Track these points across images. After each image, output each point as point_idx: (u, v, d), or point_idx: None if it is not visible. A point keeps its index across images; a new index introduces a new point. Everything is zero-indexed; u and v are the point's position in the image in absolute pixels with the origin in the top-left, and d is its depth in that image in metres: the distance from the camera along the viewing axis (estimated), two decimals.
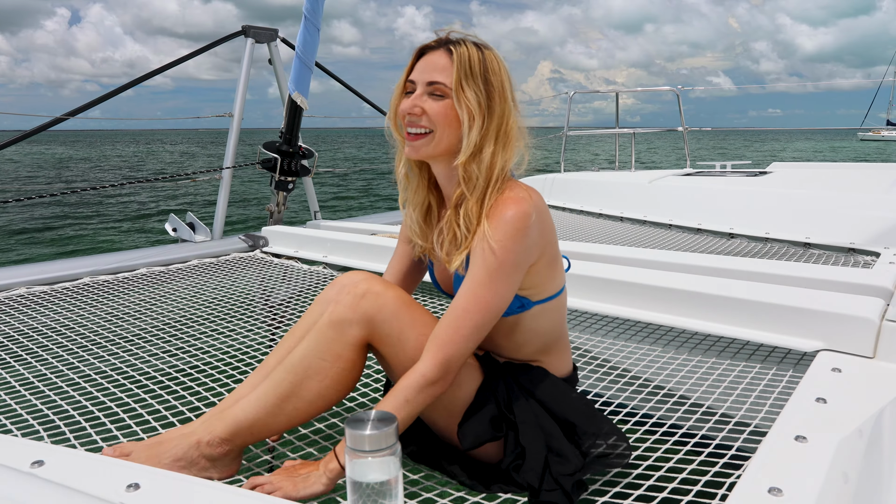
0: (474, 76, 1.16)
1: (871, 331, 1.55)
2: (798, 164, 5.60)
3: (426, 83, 1.18)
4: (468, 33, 1.21)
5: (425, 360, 1.14)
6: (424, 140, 1.19)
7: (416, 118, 1.17)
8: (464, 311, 1.15)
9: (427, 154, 1.20)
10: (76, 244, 9.95)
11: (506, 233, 1.13)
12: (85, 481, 0.97)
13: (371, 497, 0.84)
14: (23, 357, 1.85)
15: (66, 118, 3.20)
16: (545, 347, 1.31)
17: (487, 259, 1.13)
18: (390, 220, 3.86)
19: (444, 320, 1.16)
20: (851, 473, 1.06)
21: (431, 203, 1.32)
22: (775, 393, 1.49)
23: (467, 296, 1.15)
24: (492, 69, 1.18)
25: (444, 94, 1.17)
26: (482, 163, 1.18)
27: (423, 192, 1.31)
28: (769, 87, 79.77)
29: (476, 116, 1.16)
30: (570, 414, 1.22)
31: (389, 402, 1.12)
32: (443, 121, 1.17)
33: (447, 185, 1.27)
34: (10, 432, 1.38)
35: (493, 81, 1.18)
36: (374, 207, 13.91)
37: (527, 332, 1.28)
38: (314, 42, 3.34)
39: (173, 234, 3.34)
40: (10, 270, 2.63)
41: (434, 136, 1.18)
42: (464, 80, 1.16)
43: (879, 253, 2.75)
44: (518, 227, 1.13)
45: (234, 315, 2.27)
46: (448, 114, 1.17)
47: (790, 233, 3.30)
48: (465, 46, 1.18)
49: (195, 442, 1.16)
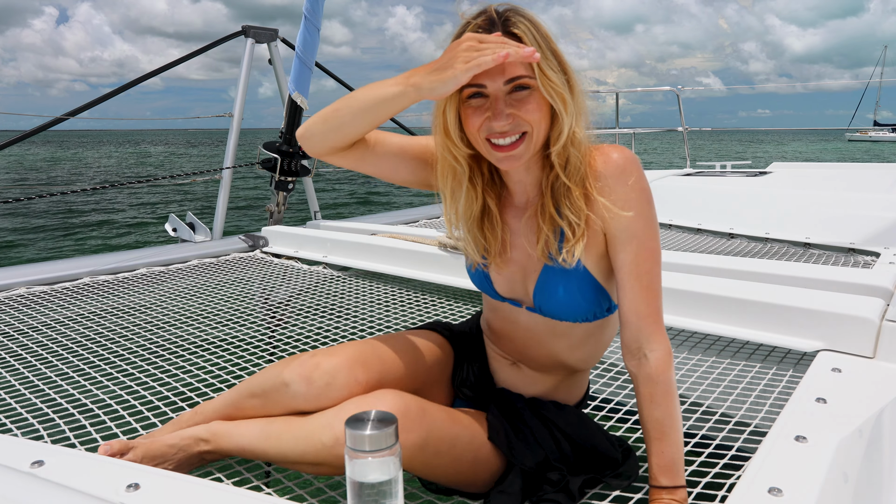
0: (545, 53, 0.98)
1: (871, 331, 1.55)
2: (798, 164, 5.60)
3: (506, 81, 0.98)
4: (500, 2, 1.03)
5: (656, 341, 1.05)
6: (523, 146, 1.01)
7: (512, 126, 1.00)
8: (648, 274, 1.05)
9: (527, 158, 1.04)
10: (75, 247, 9.95)
11: (624, 171, 1.03)
12: (85, 481, 0.97)
13: (371, 497, 0.83)
14: (23, 357, 1.85)
15: (65, 118, 3.20)
16: (591, 360, 1.24)
17: (630, 208, 1.02)
18: (390, 220, 3.86)
19: (633, 294, 1.05)
20: (851, 473, 1.06)
21: (490, 206, 1.14)
22: (775, 393, 1.49)
23: (641, 256, 1.04)
24: (549, 36, 1.01)
25: (528, 86, 0.99)
26: (579, 143, 1.03)
27: (479, 198, 1.13)
28: (759, 88, 79.97)
29: (567, 97, 1.00)
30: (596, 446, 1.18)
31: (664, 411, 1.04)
32: (539, 117, 1.00)
33: (524, 179, 1.11)
34: (10, 431, 1.38)
35: (557, 50, 1.01)
36: (373, 208, 13.91)
37: (597, 342, 1.19)
38: (314, 42, 3.34)
39: (173, 234, 3.34)
40: (10, 270, 2.63)
41: (531, 135, 1.01)
42: (543, 63, 0.98)
43: (879, 253, 2.75)
44: (632, 161, 1.04)
45: (234, 315, 2.27)
46: (542, 107, 1.00)
47: (790, 233, 3.30)
48: (520, 20, 0.99)
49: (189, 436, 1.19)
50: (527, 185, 1.12)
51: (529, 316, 1.17)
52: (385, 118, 1.07)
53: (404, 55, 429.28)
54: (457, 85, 0.96)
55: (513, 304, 1.19)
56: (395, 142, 1.18)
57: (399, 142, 1.18)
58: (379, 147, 1.16)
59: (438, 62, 0.98)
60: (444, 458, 1.07)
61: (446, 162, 1.09)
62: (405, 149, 1.18)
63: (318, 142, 1.12)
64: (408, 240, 2.81)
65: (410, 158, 1.18)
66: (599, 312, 1.14)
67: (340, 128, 1.09)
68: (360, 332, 2.07)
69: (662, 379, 1.05)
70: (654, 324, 1.06)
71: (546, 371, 1.24)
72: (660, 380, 1.05)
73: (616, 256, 1.07)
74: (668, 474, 1.03)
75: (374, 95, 1.04)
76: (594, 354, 1.23)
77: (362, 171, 1.19)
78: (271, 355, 1.92)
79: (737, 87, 10.12)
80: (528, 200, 1.13)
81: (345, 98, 1.09)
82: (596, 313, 1.14)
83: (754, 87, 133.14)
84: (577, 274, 1.08)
